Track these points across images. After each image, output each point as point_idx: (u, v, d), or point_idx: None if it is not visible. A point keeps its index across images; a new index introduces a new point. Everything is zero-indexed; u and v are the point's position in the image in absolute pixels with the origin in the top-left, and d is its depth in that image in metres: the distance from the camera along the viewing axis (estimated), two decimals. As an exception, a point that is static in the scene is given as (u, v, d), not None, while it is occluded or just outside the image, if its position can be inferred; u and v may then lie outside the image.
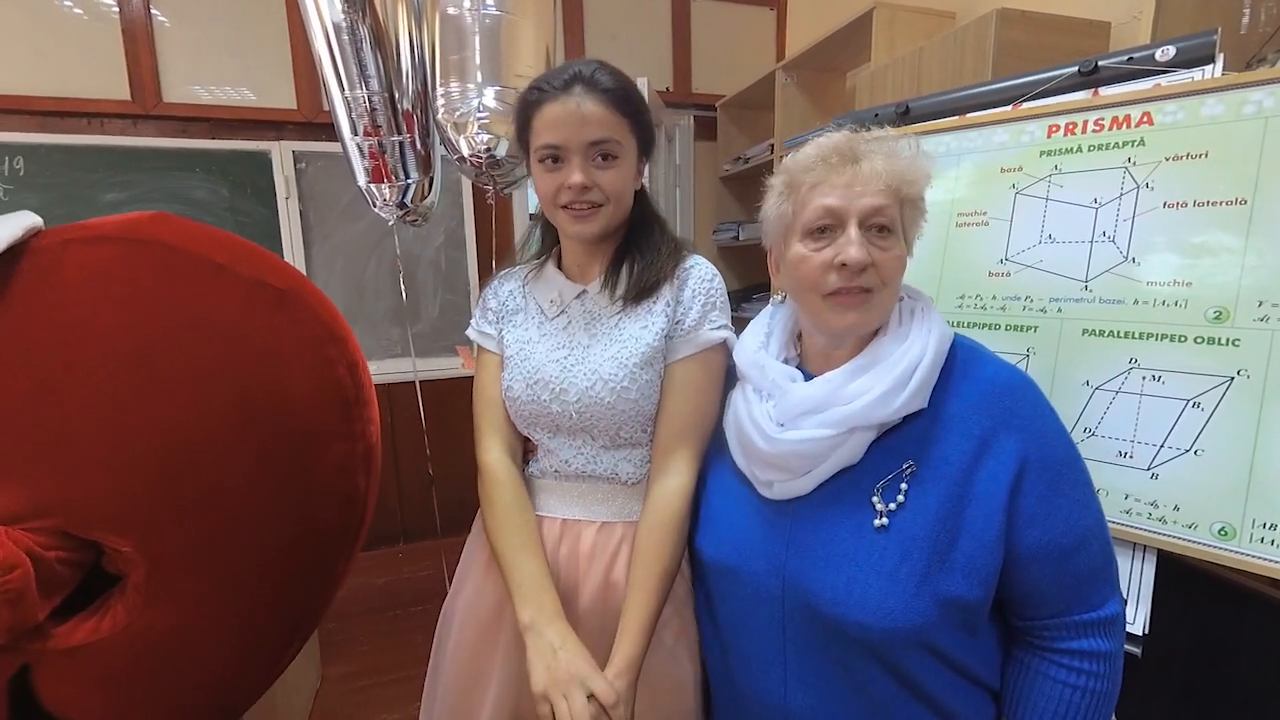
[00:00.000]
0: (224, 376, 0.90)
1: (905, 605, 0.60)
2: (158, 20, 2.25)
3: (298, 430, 0.98)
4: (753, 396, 0.71)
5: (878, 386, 0.63)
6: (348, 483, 1.05)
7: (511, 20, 1.24)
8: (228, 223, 2.40)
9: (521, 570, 0.75)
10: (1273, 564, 0.75)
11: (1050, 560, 0.61)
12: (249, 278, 0.95)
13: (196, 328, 0.90)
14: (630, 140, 0.77)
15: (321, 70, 1.35)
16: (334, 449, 1.02)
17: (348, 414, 1.04)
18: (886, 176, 0.63)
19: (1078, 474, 0.63)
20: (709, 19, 2.83)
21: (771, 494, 0.68)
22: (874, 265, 0.63)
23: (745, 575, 0.69)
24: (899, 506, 0.63)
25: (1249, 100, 0.81)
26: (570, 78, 0.74)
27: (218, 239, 0.98)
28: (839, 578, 0.63)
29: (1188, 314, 0.83)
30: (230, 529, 0.92)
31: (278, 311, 0.96)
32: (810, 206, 0.64)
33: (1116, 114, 0.92)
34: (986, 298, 1.01)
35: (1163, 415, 0.84)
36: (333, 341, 1.02)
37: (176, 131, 2.34)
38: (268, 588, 1.00)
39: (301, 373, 0.98)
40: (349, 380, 1.04)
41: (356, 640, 2.08)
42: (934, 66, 1.59)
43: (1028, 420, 0.62)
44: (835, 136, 0.67)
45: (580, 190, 0.74)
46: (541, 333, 0.82)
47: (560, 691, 0.66)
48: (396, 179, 1.42)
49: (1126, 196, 0.89)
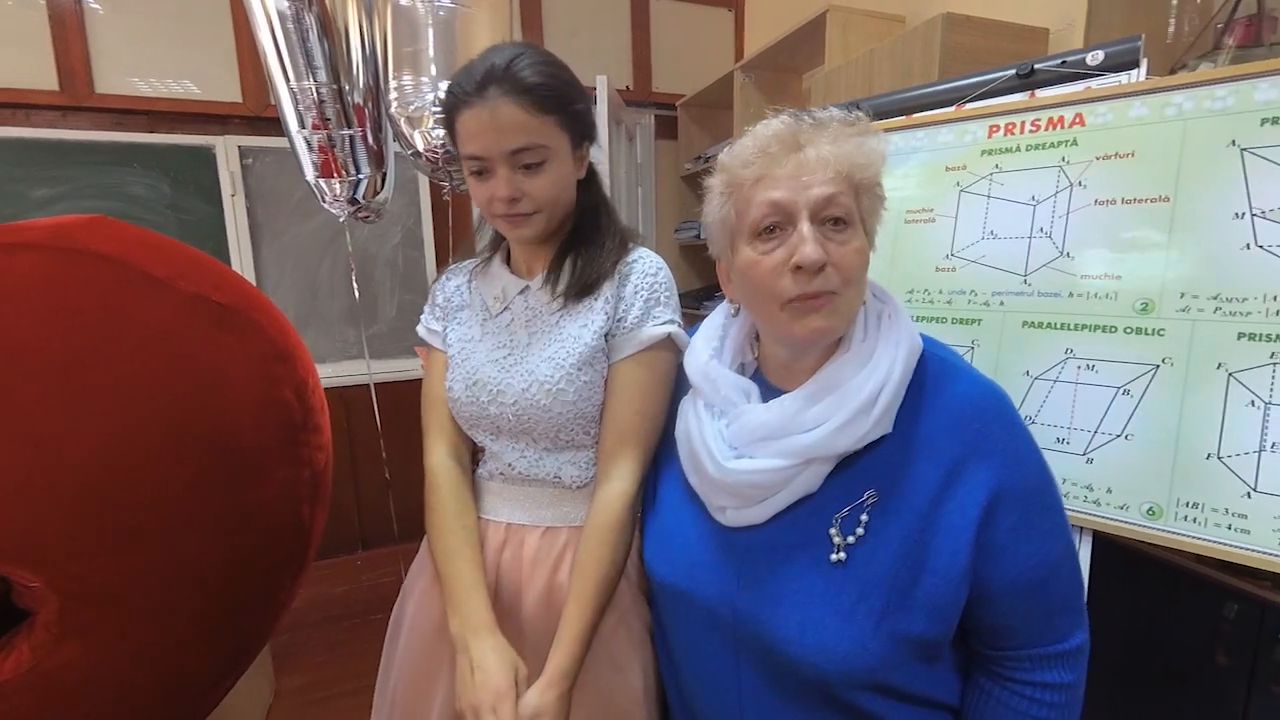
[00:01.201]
0: (156, 397, 0.85)
1: (861, 647, 0.56)
2: (89, 6, 2.13)
3: (238, 455, 0.92)
4: (704, 413, 0.66)
5: (839, 414, 0.57)
6: (291, 512, 1.00)
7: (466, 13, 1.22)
8: (170, 220, 2.30)
9: (453, 578, 0.73)
10: (1195, 540, 0.79)
11: (1018, 595, 0.58)
12: (188, 291, 0.90)
13: (127, 345, 0.84)
14: (559, 137, 0.71)
15: (266, 61, 1.30)
16: (277, 476, 0.97)
17: (293, 439, 0.99)
18: (835, 162, 0.56)
19: (1050, 500, 0.60)
20: (669, 18, 2.85)
21: (724, 520, 0.64)
22: (832, 264, 0.56)
23: (696, 600, 0.65)
24: (858, 540, 0.58)
25: (1170, 103, 0.86)
26: (484, 77, 0.67)
27: (159, 249, 0.92)
28: (791, 617, 0.59)
29: (1117, 306, 0.87)
30: (158, 561, 0.86)
31: (219, 328, 0.92)
32: (754, 204, 0.58)
33: (1051, 115, 0.96)
34: (934, 292, 1.04)
35: (1096, 402, 0.88)
36: (279, 360, 0.98)
37: (111, 124, 2.23)
38: (200, 621, 0.93)
39: (243, 394, 0.93)
40: (295, 403, 0.99)
41: (313, 651, 2.01)
42: (885, 68, 1.63)
43: (1000, 445, 0.58)
44: (773, 124, 0.60)
45: (508, 202, 0.70)
46: (484, 331, 0.80)
47: (477, 713, 0.64)
48: (347, 174, 1.38)
49: (1061, 194, 0.94)
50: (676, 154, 2.94)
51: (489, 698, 0.64)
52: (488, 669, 0.66)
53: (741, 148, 0.60)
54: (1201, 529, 0.79)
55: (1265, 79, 0.79)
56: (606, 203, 0.81)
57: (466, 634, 0.69)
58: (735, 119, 2.43)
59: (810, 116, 0.60)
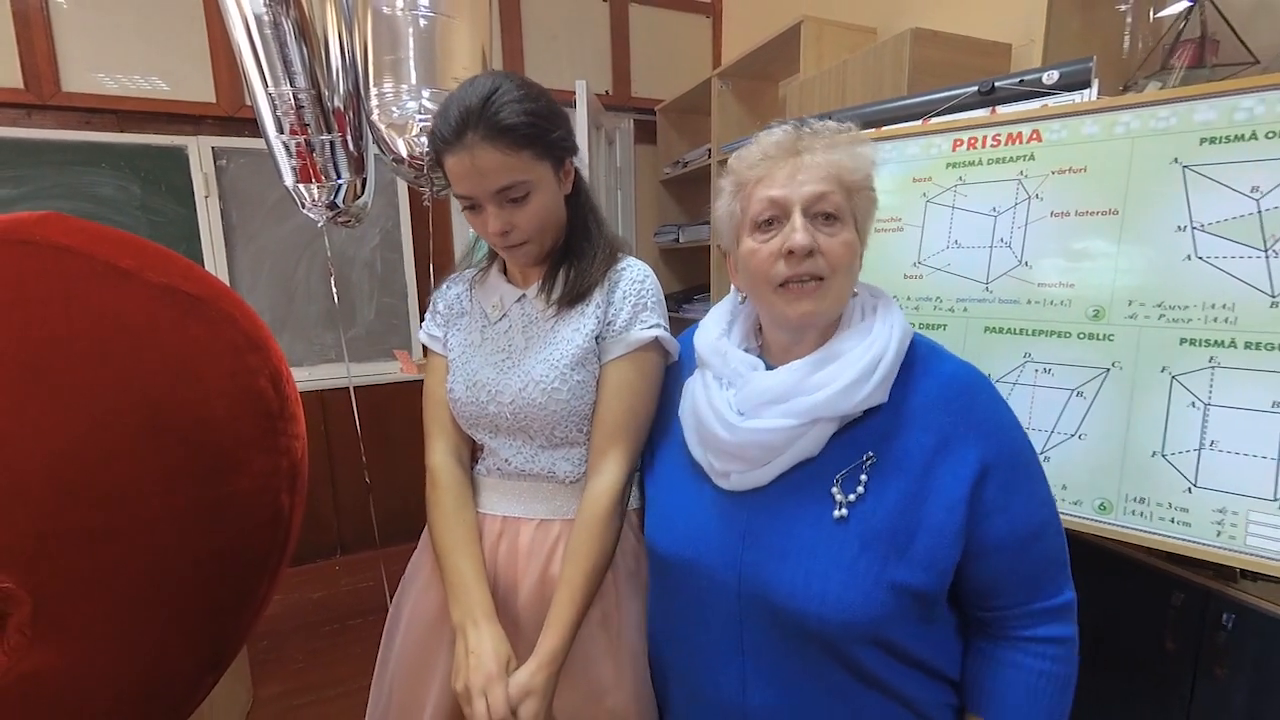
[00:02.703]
0: (127, 390, 0.84)
1: (864, 597, 0.60)
2: (54, 2, 2.09)
3: (214, 446, 0.92)
4: (713, 384, 0.71)
5: (842, 378, 0.62)
6: (270, 502, 1.00)
7: (447, 22, 1.23)
8: (140, 222, 2.26)
9: (454, 570, 0.76)
10: (1142, 534, 0.84)
11: (1011, 550, 0.62)
12: (157, 283, 0.89)
13: (94, 338, 0.83)
14: (540, 168, 0.74)
15: (243, 64, 1.30)
16: (255, 465, 0.97)
17: (271, 428, 0.99)
18: (827, 166, 0.63)
19: (1034, 469, 0.65)
20: (647, 25, 2.88)
21: (729, 485, 0.68)
22: (821, 252, 0.62)
23: (700, 568, 0.68)
24: (858, 498, 0.62)
25: (1119, 121, 0.91)
26: (460, 122, 0.70)
27: (122, 241, 0.91)
28: (797, 570, 0.62)
29: (1071, 312, 0.93)
30: (135, 557, 0.85)
31: (190, 319, 0.91)
32: (755, 200, 0.65)
33: (1011, 130, 1.01)
34: (902, 298, 1.09)
35: (1052, 404, 0.93)
36: (253, 350, 0.98)
37: (79, 123, 2.18)
38: (179, 619, 0.93)
39: (219, 384, 0.93)
40: (272, 392, 0.99)
41: (291, 658, 1.99)
42: (857, 79, 1.68)
43: (985, 417, 0.63)
44: (776, 133, 0.67)
45: (501, 235, 0.75)
46: (484, 336, 0.83)
47: (469, 694, 0.68)
48: (327, 179, 1.38)
49: (1020, 206, 0.99)
50: (656, 158, 2.97)
51: (480, 680, 0.68)
52: (482, 654, 0.70)
53: (748, 153, 0.68)
54: (1148, 523, 0.84)
55: (1204, 101, 0.85)
56: (596, 213, 0.85)
57: (467, 622, 0.73)
58: (713, 125, 2.46)
59: (809, 127, 0.68)
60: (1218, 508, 0.79)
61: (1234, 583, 0.96)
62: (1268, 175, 0.80)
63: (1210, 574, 0.98)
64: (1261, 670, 0.92)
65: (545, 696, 0.70)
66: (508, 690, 0.68)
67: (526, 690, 0.69)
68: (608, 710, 0.78)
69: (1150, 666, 1.03)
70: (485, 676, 0.68)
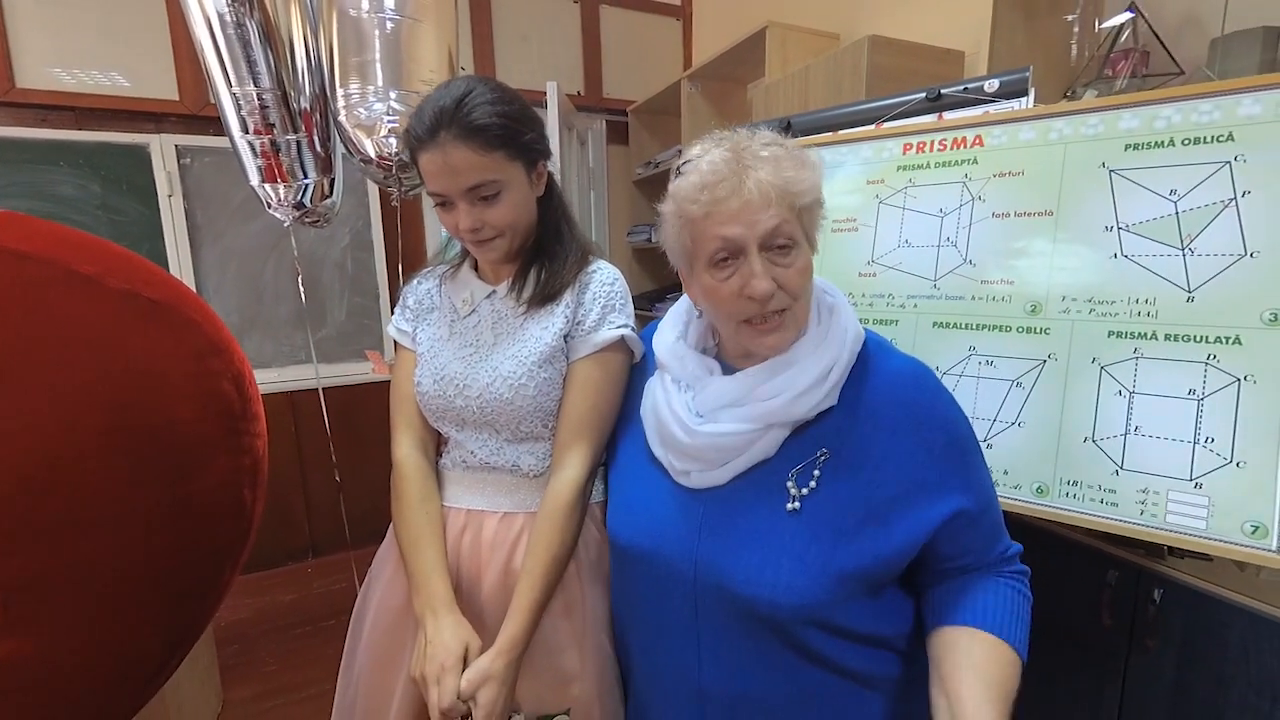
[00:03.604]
0: (92, 393, 0.85)
1: (813, 583, 0.62)
2: (7, -5, 2.03)
3: (179, 446, 0.93)
4: (671, 387, 0.72)
5: (795, 386, 0.65)
6: (233, 498, 1.02)
7: (413, 25, 1.24)
8: (101, 222, 2.21)
9: (416, 561, 0.78)
10: (1075, 514, 0.90)
11: (965, 521, 0.65)
12: (119, 289, 0.89)
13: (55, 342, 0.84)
14: (511, 168, 0.76)
15: (206, 64, 1.29)
16: (218, 464, 0.99)
17: (234, 428, 1.01)
18: (775, 193, 0.61)
19: (976, 448, 0.69)
20: (618, 26, 2.90)
21: (688, 483, 0.70)
22: (781, 287, 0.63)
23: (658, 559, 0.71)
24: (811, 491, 0.65)
25: (1053, 128, 0.97)
26: (434, 121, 0.72)
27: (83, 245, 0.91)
28: (751, 559, 0.65)
29: (1011, 308, 0.98)
30: (99, 551, 0.87)
31: (152, 324, 0.92)
32: (707, 237, 0.63)
33: (956, 135, 1.06)
34: (857, 295, 1.14)
35: (995, 394, 0.98)
36: (215, 354, 0.99)
37: (35, 120, 2.12)
38: (144, 607, 0.95)
39: (182, 388, 0.94)
40: (234, 394, 1.01)
41: (261, 661, 1.98)
42: (819, 83, 1.73)
43: (930, 406, 0.67)
44: (714, 157, 0.64)
45: (472, 232, 0.77)
46: (452, 331, 0.85)
47: (425, 683, 0.70)
48: (293, 179, 1.38)
49: (965, 207, 1.04)
50: (628, 159, 3.00)
51: (435, 670, 0.70)
52: (439, 643, 0.71)
53: (688, 184, 0.65)
54: (1080, 504, 0.90)
55: (1128, 110, 0.91)
56: (568, 216, 0.88)
57: (426, 612, 0.74)
58: (683, 126, 2.50)
59: (747, 139, 0.65)
60: (1141, 488, 0.85)
61: (1162, 560, 1.02)
62: (1184, 179, 0.86)
63: (1142, 553, 1.04)
64: (1188, 641, 0.98)
65: (504, 683, 0.71)
66: (460, 679, 0.69)
67: (486, 676, 0.70)
68: (573, 697, 0.80)
69: (1088, 640, 1.09)
70: (440, 666, 0.70)
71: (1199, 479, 0.82)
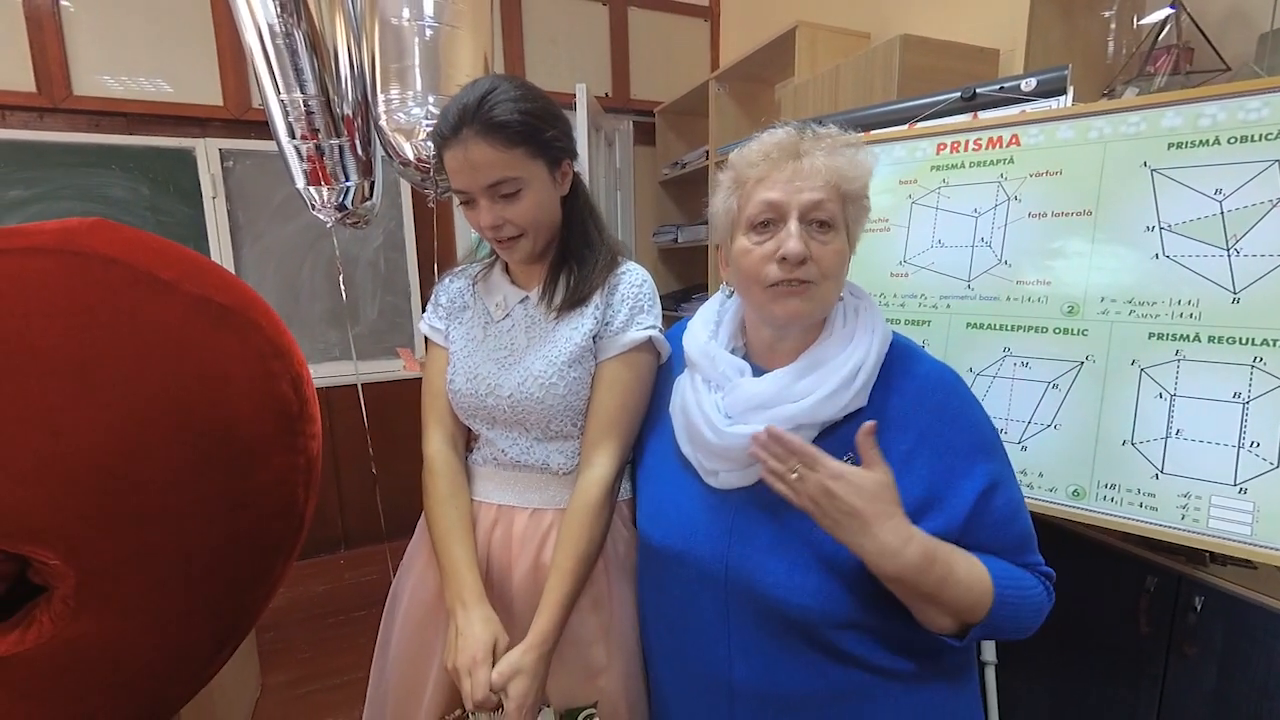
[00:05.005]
0: (164, 393, 0.90)
1: (843, 588, 0.63)
2: (62, 5, 2.13)
3: (239, 445, 0.98)
4: (701, 387, 0.73)
5: (824, 386, 0.65)
6: (287, 495, 1.06)
7: (450, 32, 1.28)
8: (149, 222, 2.31)
9: (447, 555, 0.80)
10: (1113, 518, 0.89)
11: (994, 524, 0.65)
12: (193, 294, 0.95)
13: (136, 343, 0.89)
14: (534, 166, 0.76)
15: (256, 71, 1.34)
16: (275, 462, 1.03)
17: (291, 428, 1.05)
18: (826, 173, 0.64)
19: (1003, 454, 0.68)
20: (646, 28, 2.92)
21: (717, 483, 0.71)
22: (814, 259, 0.64)
23: (690, 560, 0.71)
24: None
25: (1093, 127, 0.96)
26: (458, 119, 0.73)
27: (163, 251, 0.96)
28: (781, 564, 0.65)
29: (1048, 309, 0.97)
30: (164, 540, 0.92)
31: (221, 328, 0.97)
32: (754, 200, 0.66)
33: (991, 135, 1.05)
34: (889, 296, 1.14)
35: (1030, 395, 0.97)
36: (277, 357, 1.03)
37: (89, 126, 2.23)
38: (200, 597, 1.00)
39: (245, 389, 0.98)
40: (293, 395, 1.05)
41: (297, 648, 2.04)
42: (849, 83, 1.73)
43: (958, 412, 0.67)
44: (779, 133, 0.68)
45: (493, 229, 0.78)
46: (487, 334, 0.87)
47: (458, 674, 0.72)
48: (336, 181, 1.43)
49: (1000, 207, 1.03)
50: (654, 160, 3.01)
51: (467, 661, 0.71)
52: (470, 635, 0.73)
53: (750, 151, 0.69)
54: (1118, 508, 0.89)
55: (1171, 108, 0.90)
56: (596, 217, 0.88)
57: (457, 605, 0.76)
58: (710, 127, 2.51)
59: (811, 130, 0.69)
60: (1182, 492, 0.84)
61: (1204, 566, 1.00)
62: (1230, 178, 0.85)
63: (1183, 559, 1.02)
64: (1230, 649, 0.96)
65: (535, 676, 0.72)
66: (492, 671, 0.71)
67: (516, 669, 0.71)
68: (599, 689, 0.82)
69: (1125, 647, 1.08)
70: (471, 658, 0.71)
71: (1243, 484, 0.80)
